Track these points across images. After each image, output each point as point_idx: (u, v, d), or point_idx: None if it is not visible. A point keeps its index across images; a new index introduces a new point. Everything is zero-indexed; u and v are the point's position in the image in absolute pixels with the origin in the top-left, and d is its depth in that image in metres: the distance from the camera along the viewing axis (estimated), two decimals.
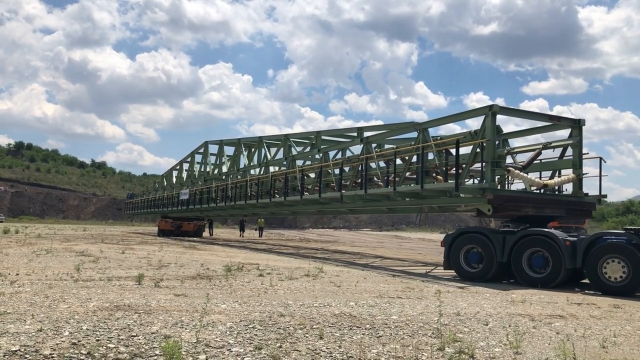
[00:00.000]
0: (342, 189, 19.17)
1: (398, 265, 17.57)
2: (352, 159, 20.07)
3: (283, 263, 16.50)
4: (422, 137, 15.61)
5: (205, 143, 34.95)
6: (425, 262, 19.43)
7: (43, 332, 5.87)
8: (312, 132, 24.41)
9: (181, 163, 40.83)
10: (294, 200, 22.78)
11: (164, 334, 5.98)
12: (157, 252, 19.83)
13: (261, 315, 7.35)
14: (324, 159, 21.49)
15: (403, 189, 16.24)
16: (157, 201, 44.09)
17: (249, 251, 23.19)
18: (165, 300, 8.33)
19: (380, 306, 8.48)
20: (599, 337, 6.52)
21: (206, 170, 34.54)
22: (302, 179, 22.51)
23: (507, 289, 11.49)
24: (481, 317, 7.77)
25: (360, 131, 20.58)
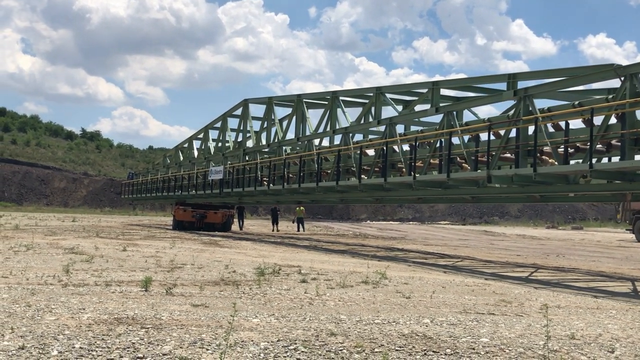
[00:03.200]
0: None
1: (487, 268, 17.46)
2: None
3: (332, 266, 16.63)
4: (629, 86, 13.72)
5: (245, 102, 34.13)
6: (524, 265, 19.23)
7: (26, 350, 6.10)
8: (420, 84, 23.08)
9: (206, 130, 39.92)
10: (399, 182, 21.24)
11: (179, 355, 6.14)
12: (168, 249, 20.30)
13: (305, 333, 7.44)
14: (446, 124, 18.95)
15: (608, 166, 14.82)
16: (170, 182, 43.20)
17: (287, 249, 23.46)
18: (180, 312, 8.53)
19: (464, 325, 8.45)
20: None
21: (245, 139, 34.12)
22: (413, 150, 20.45)
23: None
24: (604, 341, 7.65)
25: (512, 81, 17.97)
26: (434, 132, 19.53)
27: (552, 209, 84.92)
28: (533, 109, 16.17)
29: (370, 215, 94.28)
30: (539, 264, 20.74)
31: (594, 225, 75.07)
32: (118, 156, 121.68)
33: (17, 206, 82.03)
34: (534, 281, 14.98)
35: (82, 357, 5.94)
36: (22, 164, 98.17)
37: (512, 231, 56.03)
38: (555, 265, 20.38)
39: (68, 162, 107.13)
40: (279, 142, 29.64)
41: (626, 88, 13.70)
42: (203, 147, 40.51)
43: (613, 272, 18.57)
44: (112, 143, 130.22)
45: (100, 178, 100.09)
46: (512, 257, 23.48)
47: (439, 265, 18.63)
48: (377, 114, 23.18)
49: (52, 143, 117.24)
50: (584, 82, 16.32)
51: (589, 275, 17.31)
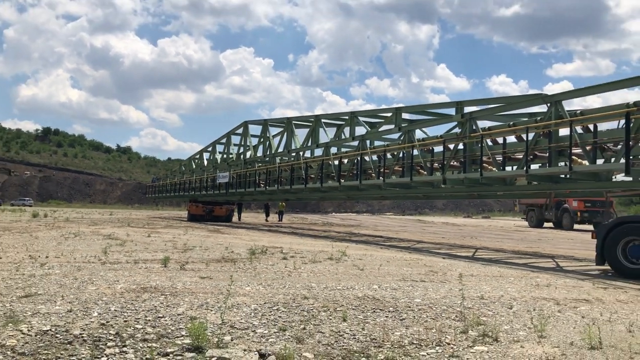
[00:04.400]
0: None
1: (418, 245, 17.55)
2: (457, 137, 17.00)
3: (306, 246, 16.60)
4: (554, 111, 13.61)
5: (245, 123, 33.65)
6: (449, 245, 19.37)
7: (73, 312, 6.02)
8: (386, 109, 22.56)
9: (214, 144, 39.59)
10: (372, 184, 20.88)
11: (190, 315, 6.09)
12: (182, 235, 20.10)
13: (285, 297, 7.43)
14: (407, 139, 18.94)
15: (540, 171, 14.50)
16: (185, 184, 43.18)
17: (272, 235, 23.37)
18: (191, 283, 8.46)
19: (403, 289, 8.49)
20: (626, 321, 6.45)
21: (246, 151, 33.52)
22: (382, 159, 20.32)
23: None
24: (505, 300, 7.73)
25: (460, 106, 17.64)
26: (400, 146, 19.34)
27: (468, 203, 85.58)
28: (477, 128, 16.18)
29: (335, 208, 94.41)
30: (458, 243, 20.92)
31: (498, 215, 75.94)
32: (144, 165, 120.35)
33: (67, 203, 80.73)
34: (454, 256, 15.10)
35: (116, 317, 5.87)
36: (71, 171, 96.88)
37: (439, 220, 56.43)
38: (470, 244, 20.57)
39: (106, 169, 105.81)
40: (274, 153, 29.57)
41: (552, 112, 13.69)
42: (211, 158, 40.38)
43: (512, 249, 18.78)
44: (140, 155, 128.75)
45: (131, 182, 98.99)
46: (438, 239, 23.65)
47: (384, 245, 18.68)
48: (351, 132, 22.96)
49: (94, 156, 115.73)
50: (518, 107, 16.17)
51: (494, 251, 17.49)
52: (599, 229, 12.15)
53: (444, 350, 5.08)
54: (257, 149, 32.34)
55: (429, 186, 18.74)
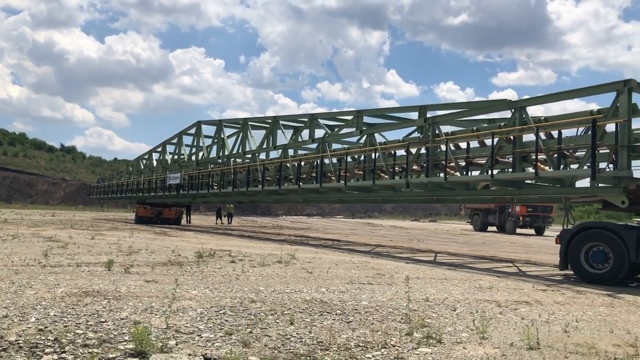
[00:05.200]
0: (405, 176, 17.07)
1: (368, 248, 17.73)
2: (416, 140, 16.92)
3: (255, 250, 16.50)
4: (518, 117, 13.44)
5: (198, 123, 32.62)
6: (395, 247, 19.65)
7: (8, 318, 5.78)
8: (347, 112, 21.96)
9: (164, 145, 38.24)
10: (332, 187, 20.64)
11: (134, 319, 5.95)
12: (127, 238, 19.63)
13: (232, 301, 7.36)
14: (368, 142, 18.75)
15: (505, 176, 14.32)
16: (132, 185, 41.65)
17: (221, 238, 23.11)
18: (135, 286, 8.27)
19: (350, 292, 8.56)
20: (562, 322, 6.71)
21: (198, 152, 32.44)
22: (342, 163, 20.12)
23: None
24: (449, 303, 7.91)
25: (423, 110, 17.42)
26: (362, 149, 19.13)
27: (416, 207, 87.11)
28: (440, 133, 16.02)
29: (286, 211, 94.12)
30: (405, 246, 21.25)
31: (445, 218, 77.60)
32: (89, 165, 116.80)
33: (6, 204, 77.38)
34: (401, 259, 15.33)
35: (56, 322, 5.67)
36: (11, 170, 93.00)
37: (388, 223, 57.13)
38: (417, 247, 20.93)
39: (49, 169, 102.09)
40: (228, 155, 28.65)
41: (516, 118, 13.58)
42: (161, 158, 39.01)
43: (456, 251, 19.22)
44: (84, 155, 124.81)
45: (75, 182, 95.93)
46: (386, 242, 23.96)
47: (334, 248, 18.79)
48: (311, 134, 22.46)
49: (36, 155, 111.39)
50: (482, 113, 16.15)
51: (439, 254, 17.85)
52: (562, 235, 12.26)
53: (389, 352, 5.15)
54: (211, 149, 31.44)
55: (390, 190, 18.67)
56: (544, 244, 26.17)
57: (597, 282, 11.06)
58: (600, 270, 11.25)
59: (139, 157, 45.87)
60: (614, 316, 7.40)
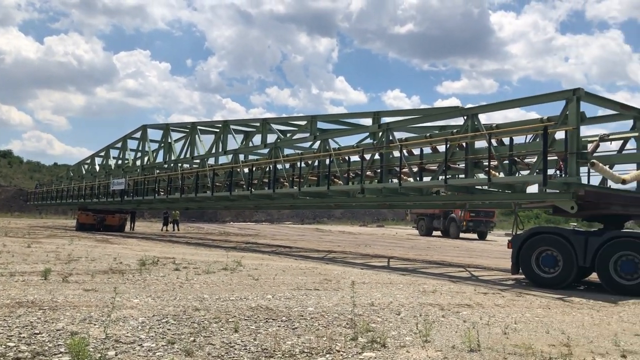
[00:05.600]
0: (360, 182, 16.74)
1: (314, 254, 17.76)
2: (372, 148, 16.66)
3: (200, 257, 16.24)
4: (471, 124, 13.54)
5: (144, 127, 31.56)
6: (344, 252, 19.77)
7: None
8: (300, 117, 21.37)
9: (107, 149, 36.96)
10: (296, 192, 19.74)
11: (71, 330, 5.75)
12: (66, 245, 18.94)
13: (175, 309, 7.22)
14: (322, 148, 18.46)
15: (459, 182, 14.39)
16: (73, 191, 39.83)
17: (165, 245, 22.64)
18: (74, 296, 7.99)
19: (297, 298, 8.55)
20: (502, 324, 6.90)
21: (144, 157, 31.35)
22: (295, 168, 19.80)
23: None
24: (394, 307, 8.01)
25: (377, 116, 17.49)
26: (316, 155, 18.90)
27: (364, 212, 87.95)
28: (394, 139, 15.91)
29: (233, 217, 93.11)
30: (353, 251, 21.40)
31: (392, 223, 78.70)
32: (27, 170, 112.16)
33: None
34: (348, 264, 15.43)
35: None
36: None
37: (336, 228, 57.44)
38: (364, 252, 21.10)
39: None
40: (176, 160, 27.84)
41: (468, 125, 13.62)
42: (104, 163, 37.64)
43: (402, 256, 19.52)
44: (22, 160, 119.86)
45: (12, 188, 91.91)
46: (334, 247, 24.05)
47: (282, 254, 18.72)
48: (263, 139, 22.05)
49: None
50: (435, 120, 16.26)
51: (384, 258, 18.07)
52: (514, 239, 12.37)
53: (334, 358, 5.16)
54: (157, 154, 30.47)
55: (345, 195, 18.57)
56: (486, 248, 26.94)
57: (547, 286, 11.26)
58: (550, 275, 11.48)
59: (81, 162, 44.31)
60: (550, 317, 7.68)
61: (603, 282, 10.85)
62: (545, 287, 11.23)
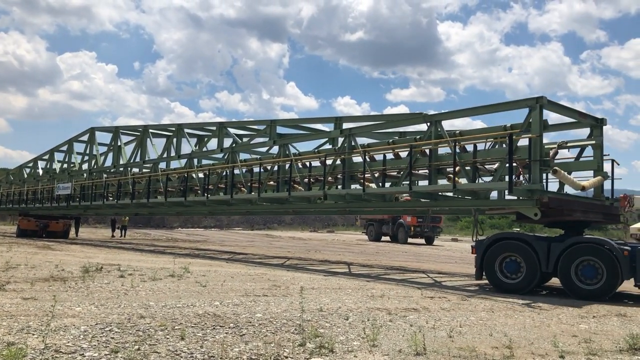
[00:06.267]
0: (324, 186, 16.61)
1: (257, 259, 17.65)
2: (336, 152, 16.59)
3: (147, 264, 15.88)
4: (434, 130, 13.58)
5: (92, 129, 30.37)
6: (289, 257, 19.74)
7: None
8: (259, 121, 20.77)
9: (52, 152, 35.36)
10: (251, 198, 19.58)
11: (7, 341, 5.51)
12: (5, 252, 18.15)
13: (119, 317, 7.03)
14: (282, 153, 18.35)
15: (423, 189, 14.18)
16: (13, 196, 38.22)
17: (110, 251, 22.03)
18: (11, 305, 7.67)
19: (245, 305, 8.47)
20: (447, 328, 7.04)
21: (91, 161, 29.93)
22: (253, 173, 19.56)
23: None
24: (342, 312, 8.05)
25: (339, 121, 17.36)
26: (276, 160, 18.60)
27: (314, 218, 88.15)
28: (356, 145, 15.83)
29: (182, 223, 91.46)
30: (303, 257, 21.40)
31: (342, 229, 79.17)
32: None
33: None
34: (297, 269, 15.39)
35: None
36: None
37: (287, 234, 57.30)
38: (314, 257, 21.13)
39: None
40: (126, 164, 26.76)
41: (432, 131, 13.61)
42: (48, 167, 35.94)
43: (352, 261, 19.64)
44: None
45: None
46: (284, 253, 23.98)
47: (230, 261, 18.51)
48: (220, 143, 21.51)
49: None
50: (398, 126, 16.00)
51: (334, 264, 18.14)
52: (478, 245, 12.43)
53: None
54: (106, 158, 29.33)
55: (306, 201, 18.23)
56: (433, 253, 27.45)
57: (511, 291, 11.32)
58: (513, 280, 11.57)
59: (22, 165, 42.44)
60: (494, 320, 7.89)
61: (565, 287, 11.00)
62: (509, 292, 11.30)
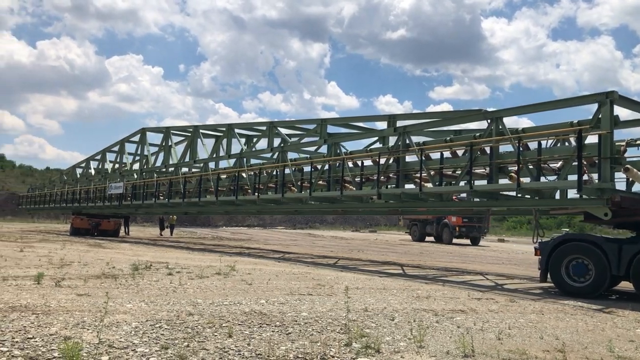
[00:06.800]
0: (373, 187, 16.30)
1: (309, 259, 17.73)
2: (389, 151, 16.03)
3: (194, 262, 16.19)
4: (495, 127, 13.03)
5: (143, 130, 31.02)
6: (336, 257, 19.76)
7: None
8: (309, 120, 20.63)
9: (104, 152, 36.25)
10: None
11: (64, 335, 5.70)
12: (59, 250, 18.84)
13: (169, 314, 7.18)
14: (334, 152, 18.03)
15: (482, 187, 13.62)
16: (67, 195, 39.02)
17: (158, 249, 22.55)
18: (67, 300, 7.94)
19: (290, 303, 8.52)
20: (496, 330, 6.91)
21: (142, 161, 30.62)
22: (301, 173, 19.43)
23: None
24: (388, 312, 8.00)
25: (392, 119, 16.85)
26: (327, 159, 18.30)
27: (357, 217, 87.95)
28: (411, 143, 15.28)
29: (226, 222, 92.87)
30: (346, 256, 21.39)
31: (384, 229, 78.76)
32: (20, 175, 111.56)
33: None
34: (341, 268, 15.39)
35: None
36: None
37: (329, 234, 57.37)
38: (357, 257, 21.10)
39: None
40: (177, 163, 27.12)
41: (492, 128, 13.12)
42: (100, 167, 36.95)
43: (395, 261, 19.51)
44: (14, 164, 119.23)
45: (3, 192, 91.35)
46: (326, 252, 24.04)
47: (274, 259, 18.67)
48: (270, 142, 21.45)
49: None
50: (456, 123, 15.56)
51: (379, 264, 18.07)
52: (543, 246, 11.96)
53: None
54: (157, 158, 29.76)
55: (357, 201, 17.86)
56: (479, 254, 26.99)
57: (578, 295, 10.89)
58: (581, 284, 11.09)
59: (75, 166, 43.69)
60: (544, 323, 7.69)
61: (639, 290, 10.45)
62: (576, 296, 10.87)
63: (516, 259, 23.36)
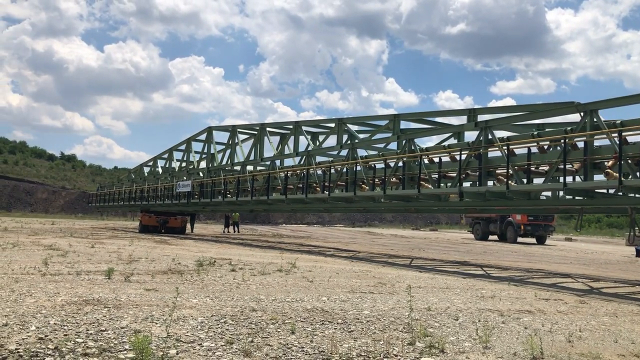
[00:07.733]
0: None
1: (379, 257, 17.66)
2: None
3: (255, 258, 16.45)
4: (589, 120, 12.25)
5: (209, 129, 31.59)
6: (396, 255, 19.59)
7: (8, 326, 5.74)
8: (382, 116, 20.01)
9: (171, 151, 37.10)
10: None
11: (134, 328, 5.92)
12: (127, 246, 19.59)
13: (233, 310, 7.32)
14: (409, 148, 17.15)
15: (577, 185, 12.73)
16: (135, 193, 40.19)
17: (221, 246, 23.06)
18: (136, 295, 8.23)
19: (352, 301, 8.52)
20: (565, 332, 6.66)
21: (209, 159, 31.16)
22: (373, 171, 18.71)
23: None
24: (451, 312, 7.86)
25: (473, 114, 16.15)
26: (400, 156, 17.47)
27: (417, 216, 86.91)
28: (493, 138, 14.60)
29: (285, 220, 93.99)
30: (407, 255, 21.17)
31: (445, 227, 77.48)
32: (89, 174, 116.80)
33: (6, 212, 77.34)
34: (402, 267, 15.27)
35: (56, 331, 5.64)
36: (11, 179, 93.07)
37: (388, 232, 57.01)
38: (418, 256, 20.86)
39: (49, 178, 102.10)
40: (244, 162, 27.28)
41: (586, 122, 12.37)
42: (167, 165, 37.87)
43: (459, 259, 19.15)
44: (84, 163, 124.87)
45: (75, 191, 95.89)
46: (387, 251, 23.88)
47: (335, 256, 18.72)
48: (339, 139, 21.26)
49: (36, 163, 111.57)
50: (544, 117, 14.65)
51: (442, 262, 17.79)
52: None
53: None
54: (224, 156, 30.34)
55: (434, 199, 17.24)
56: (546, 253, 26.11)
57: None
58: None
59: (143, 164, 45.10)
60: (618, 326, 7.35)
61: None
62: None
63: (585, 259, 22.42)
